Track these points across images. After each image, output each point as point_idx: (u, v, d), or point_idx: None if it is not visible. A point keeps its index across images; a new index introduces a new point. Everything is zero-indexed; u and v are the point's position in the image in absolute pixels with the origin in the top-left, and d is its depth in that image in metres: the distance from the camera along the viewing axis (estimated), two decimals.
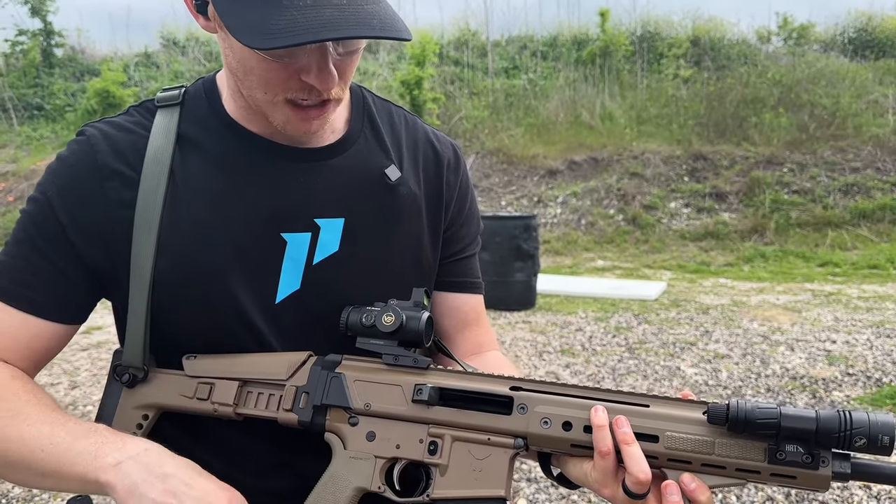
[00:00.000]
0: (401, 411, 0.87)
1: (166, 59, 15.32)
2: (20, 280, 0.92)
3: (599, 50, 14.32)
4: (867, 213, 10.55)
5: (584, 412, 0.83)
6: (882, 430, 0.73)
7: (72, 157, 0.93)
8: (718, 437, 0.80)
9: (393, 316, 0.87)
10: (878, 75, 13.89)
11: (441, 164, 1.10)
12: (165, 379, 0.94)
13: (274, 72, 0.85)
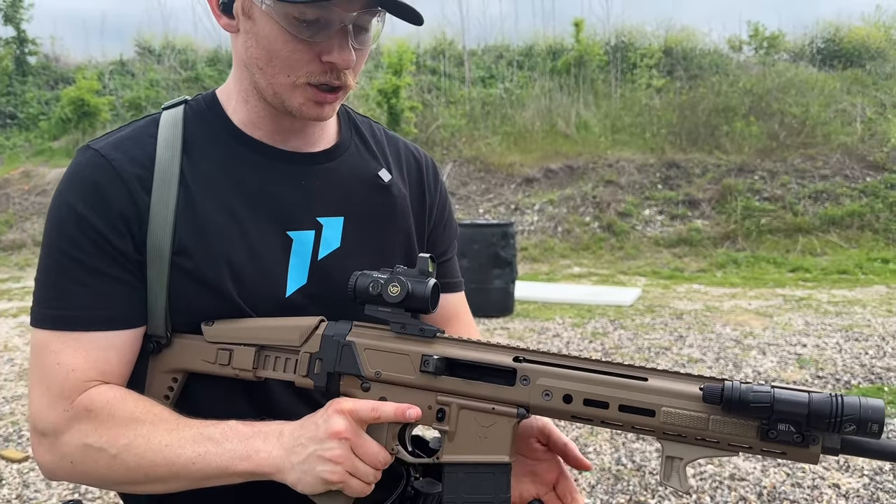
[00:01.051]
0: (410, 380, 0.91)
1: (142, 68, 15.21)
2: (88, 304, 0.94)
3: (574, 59, 14.48)
4: (836, 219, 10.75)
5: (584, 385, 0.87)
6: (872, 417, 0.76)
7: (88, 170, 0.96)
8: (713, 414, 0.82)
9: (399, 286, 0.91)
10: (846, 85, 14.18)
11: (422, 171, 1.18)
12: (187, 344, 0.98)
13: (299, 52, 0.91)
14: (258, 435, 0.90)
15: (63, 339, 0.94)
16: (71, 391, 0.93)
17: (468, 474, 0.89)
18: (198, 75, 15.06)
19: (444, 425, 0.90)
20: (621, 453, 3.90)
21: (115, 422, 0.92)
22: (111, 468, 0.92)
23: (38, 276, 0.97)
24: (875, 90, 14.05)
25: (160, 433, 0.91)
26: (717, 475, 3.63)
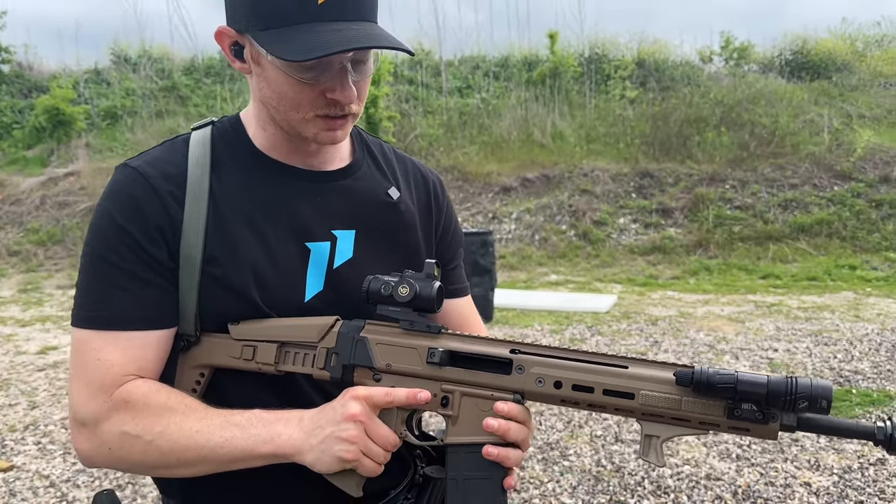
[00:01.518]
0: (417, 371, 1.01)
1: (117, 77, 15.09)
2: (126, 306, 1.03)
3: (549, 71, 14.62)
4: (805, 227, 10.98)
5: (572, 373, 0.97)
6: (821, 395, 0.86)
7: (126, 185, 1.05)
8: (685, 395, 0.92)
9: (408, 288, 1.00)
10: (814, 96, 14.49)
11: (429, 187, 1.27)
12: (215, 342, 1.07)
13: (305, 93, 1.01)
14: (280, 420, 0.99)
15: (103, 337, 1.02)
16: (110, 385, 1.01)
17: (469, 454, 0.98)
18: (174, 84, 14.97)
19: (448, 410, 1.00)
20: (601, 455, 4.01)
21: (151, 411, 1.00)
22: (146, 453, 1.00)
23: (80, 281, 1.06)
24: (841, 101, 14.38)
25: (191, 421, 0.99)
26: (693, 475, 3.75)
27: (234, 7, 1.02)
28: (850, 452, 4.00)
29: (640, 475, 3.76)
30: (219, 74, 15.54)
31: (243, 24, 1.01)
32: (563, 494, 3.57)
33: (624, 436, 4.28)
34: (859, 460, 3.90)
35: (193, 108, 14.69)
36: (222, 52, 1.08)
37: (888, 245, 10.66)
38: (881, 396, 4.88)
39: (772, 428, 0.90)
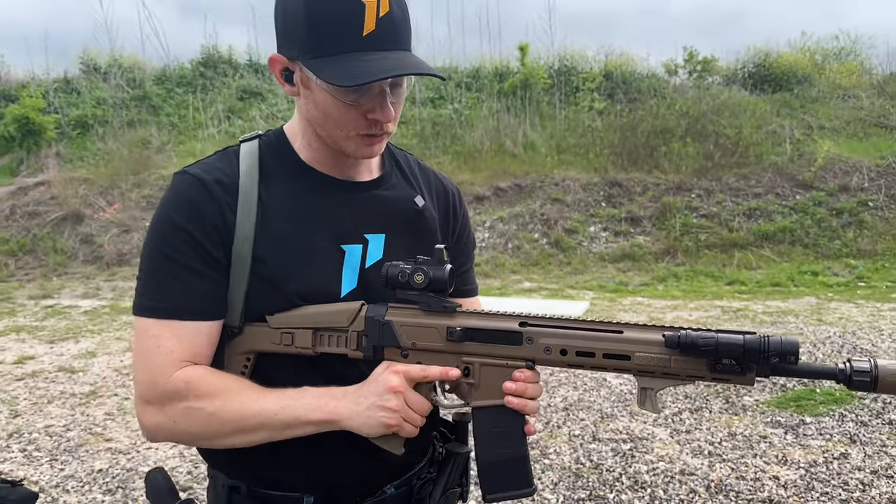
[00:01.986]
0: (439, 347, 1.14)
1: (88, 85, 14.96)
2: (181, 297, 1.13)
3: (520, 82, 14.79)
4: (769, 235, 11.28)
5: (576, 340, 1.10)
6: (790, 350, 1.00)
7: (186, 190, 1.16)
8: (673, 355, 1.05)
9: (422, 275, 1.12)
10: (776, 107, 14.87)
11: (448, 197, 1.40)
12: (256, 331, 1.18)
13: (349, 114, 1.13)
14: (327, 393, 1.12)
15: (161, 325, 1.14)
16: (170, 368, 1.12)
17: (491, 413, 1.13)
18: (146, 94, 14.86)
19: (470, 379, 1.13)
20: (580, 453, 4.16)
21: (210, 389, 1.12)
22: (208, 424, 1.12)
23: (140, 274, 1.17)
24: (803, 113, 14.79)
25: (248, 394, 1.12)
26: (668, 471, 3.92)
27: (287, 37, 1.13)
28: (815, 448, 4.21)
29: (617, 471, 3.92)
30: (191, 84, 15.47)
31: (295, 52, 1.12)
32: (545, 491, 3.72)
33: (601, 435, 4.44)
34: (824, 455, 4.10)
35: (165, 118, 14.61)
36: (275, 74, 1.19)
37: (848, 252, 11.00)
38: (843, 395, 5.10)
39: (749, 378, 1.04)
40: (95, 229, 11.61)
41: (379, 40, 1.08)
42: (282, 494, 1.19)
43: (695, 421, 4.67)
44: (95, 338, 7.49)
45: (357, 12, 1.06)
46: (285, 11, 1.13)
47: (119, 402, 5.32)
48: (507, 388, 1.11)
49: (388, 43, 1.09)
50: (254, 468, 1.19)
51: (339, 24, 1.07)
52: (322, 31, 1.08)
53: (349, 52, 1.07)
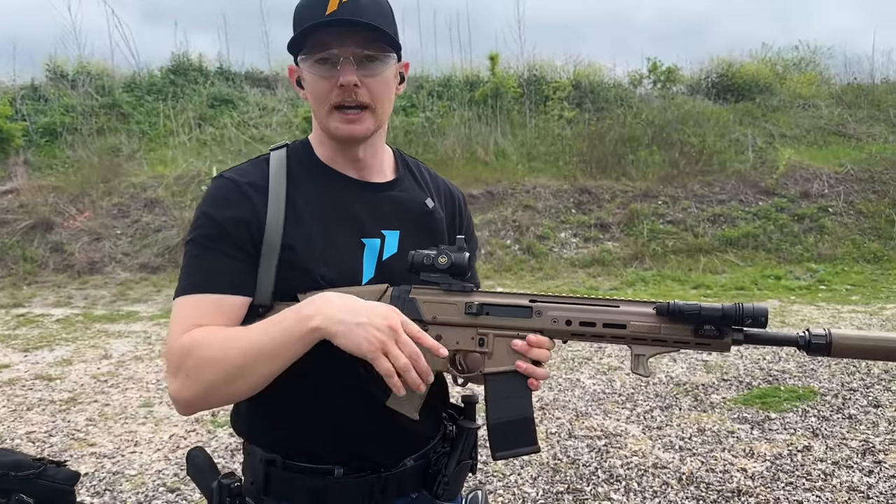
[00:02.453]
0: (458, 320, 1.26)
1: (56, 93, 14.81)
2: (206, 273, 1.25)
3: (490, 91, 14.97)
4: (733, 240, 11.59)
5: (579, 313, 1.23)
6: (761, 314, 1.15)
7: (221, 189, 1.29)
8: (663, 323, 1.20)
9: (446, 258, 1.25)
10: (738, 116, 15.27)
11: (454, 201, 1.54)
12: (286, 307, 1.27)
13: (323, 85, 1.26)
14: (312, 303, 1.18)
15: (187, 299, 1.26)
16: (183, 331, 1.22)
17: (503, 380, 1.25)
18: (115, 101, 14.73)
19: (484, 348, 1.26)
20: (557, 449, 4.32)
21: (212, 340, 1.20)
22: (213, 368, 1.18)
23: (182, 266, 1.30)
24: (764, 121, 15.21)
25: (244, 332, 1.20)
26: (641, 465, 4.09)
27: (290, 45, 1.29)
28: (780, 441, 4.41)
29: (593, 466, 4.08)
30: (161, 91, 15.40)
31: (294, 56, 1.29)
32: (524, 485, 3.86)
33: (576, 432, 4.60)
34: (788, 448, 4.31)
35: (136, 126, 14.51)
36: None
37: (809, 256, 11.36)
38: (806, 392, 5.34)
39: (726, 342, 1.19)
40: (66, 237, 11.52)
41: (340, 16, 1.22)
42: (314, 466, 1.30)
43: (665, 418, 4.86)
44: (70, 346, 7.47)
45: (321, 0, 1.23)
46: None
47: (100, 408, 5.35)
48: (515, 345, 1.24)
49: (347, 17, 1.22)
50: (289, 442, 1.31)
51: (307, 10, 1.25)
52: (297, 23, 1.26)
53: (310, 27, 1.22)
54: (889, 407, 4.99)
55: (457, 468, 1.40)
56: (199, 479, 1.34)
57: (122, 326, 8.53)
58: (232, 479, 1.28)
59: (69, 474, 1.46)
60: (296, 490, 1.31)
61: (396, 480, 1.35)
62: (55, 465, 1.45)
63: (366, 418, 1.30)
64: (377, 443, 1.32)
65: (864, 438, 4.43)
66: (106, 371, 6.38)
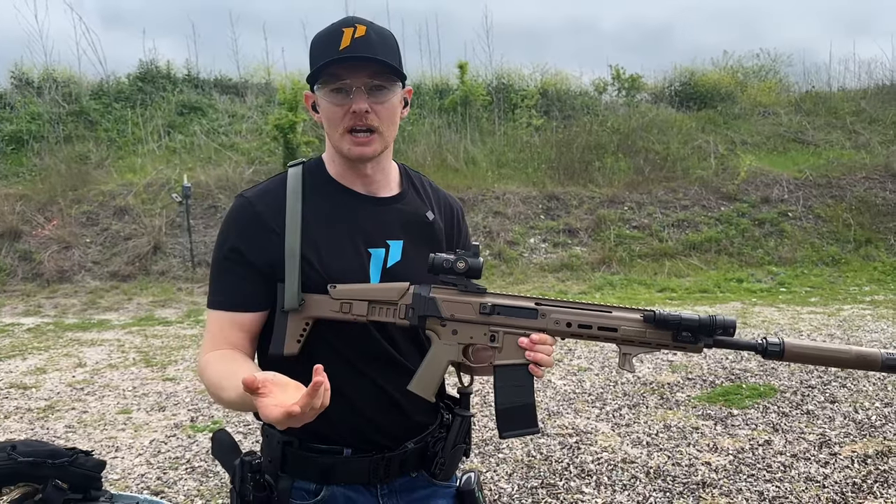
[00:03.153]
0: (472, 318, 1.41)
1: (21, 101, 14.66)
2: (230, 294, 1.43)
3: (460, 99, 15.18)
4: (696, 244, 11.90)
5: (578, 316, 1.40)
6: (731, 325, 1.34)
7: (240, 212, 1.45)
8: (648, 328, 1.38)
9: (464, 263, 1.40)
10: (701, 124, 15.66)
11: (453, 213, 1.68)
12: (318, 300, 1.42)
13: (337, 113, 1.41)
14: None
15: (212, 314, 1.45)
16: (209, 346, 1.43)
17: (510, 371, 1.41)
18: (82, 109, 14.63)
19: (496, 344, 1.42)
20: (531, 447, 4.48)
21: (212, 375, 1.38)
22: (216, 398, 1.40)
23: (210, 277, 1.48)
24: (726, 129, 15.62)
25: (228, 388, 1.34)
26: (611, 460, 4.26)
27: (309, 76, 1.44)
28: (742, 436, 4.62)
29: (565, 462, 4.25)
30: (129, 99, 15.33)
31: (311, 85, 1.43)
32: (500, 481, 4.01)
33: (549, 430, 4.77)
34: (750, 442, 4.52)
35: (104, 133, 14.43)
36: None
37: (770, 260, 11.71)
38: (766, 389, 5.57)
39: (699, 346, 1.38)
40: (34, 246, 11.44)
41: (351, 52, 1.38)
42: (326, 447, 1.46)
43: (633, 415, 5.05)
44: (43, 355, 7.46)
45: (336, 36, 1.38)
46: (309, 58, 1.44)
47: (78, 415, 5.39)
48: (522, 342, 1.40)
49: (359, 53, 1.38)
50: (304, 427, 1.44)
51: (323, 46, 1.39)
52: (314, 56, 1.40)
53: (327, 62, 1.37)
54: (845, 402, 5.24)
55: (452, 451, 1.55)
56: (224, 457, 1.47)
57: (94, 335, 8.53)
58: (253, 457, 1.42)
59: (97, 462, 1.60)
60: (309, 467, 1.46)
61: (398, 461, 1.49)
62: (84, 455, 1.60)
63: (374, 408, 1.46)
64: (382, 428, 1.47)
65: (822, 432, 4.66)
66: (81, 379, 6.40)
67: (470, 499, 1.57)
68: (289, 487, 1.44)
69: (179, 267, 11.34)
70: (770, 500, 3.73)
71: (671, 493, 3.83)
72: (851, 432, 4.66)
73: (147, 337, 8.33)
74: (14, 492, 1.60)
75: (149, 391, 5.99)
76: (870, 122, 15.90)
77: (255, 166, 13.37)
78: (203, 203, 12.41)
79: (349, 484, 1.47)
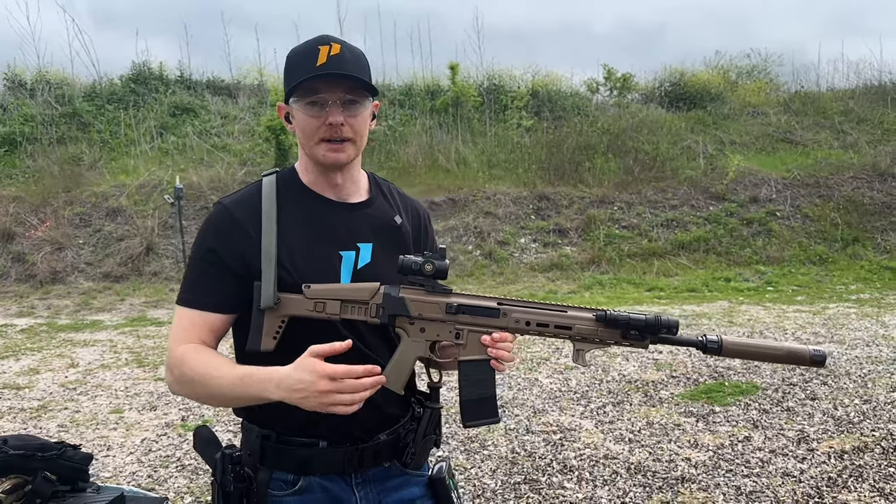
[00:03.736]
0: (439, 317, 1.50)
1: (14, 103, 14.70)
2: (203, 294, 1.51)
3: (451, 100, 15.28)
4: (685, 244, 12.01)
5: (537, 315, 1.49)
6: (674, 325, 1.44)
7: (218, 217, 1.53)
8: (600, 327, 1.48)
9: (432, 265, 1.49)
10: (690, 124, 15.77)
11: (420, 217, 1.77)
12: (293, 300, 1.50)
13: (313, 124, 1.50)
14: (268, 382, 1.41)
15: (185, 311, 1.52)
16: (180, 342, 1.50)
17: (474, 366, 1.51)
18: (75, 110, 14.67)
19: (461, 341, 1.51)
20: (515, 444, 4.57)
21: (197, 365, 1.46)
22: (195, 391, 1.48)
23: (184, 276, 1.55)
24: (715, 129, 15.74)
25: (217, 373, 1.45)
26: (593, 456, 4.36)
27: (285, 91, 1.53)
28: (722, 433, 4.72)
29: (548, 458, 4.34)
30: (122, 100, 15.38)
31: (287, 97, 1.52)
32: (484, 477, 4.10)
33: (534, 428, 4.86)
34: (730, 438, 4.62)
35: (97, 135, 14.48)
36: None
37: (758, 259, 11.83)
38: (749, 387, 5.67)
39: (645, 343, 1.48)
40: (27, 247, 11.49)
41: (327, 69, 1.48)
42: (302, 440, 1.54)
43: (617, 413, 5.15)
44: (36, 355, 7.53)
45: (313, 53, 1.48)
46: (285, 71, 1.53)
47: (70, 415, 5.46)
48: (485, 340, 1.49)
49: (335, 70, 1.49)
50: (282, 420, 1.54)
51: (300, 62, 1.50)
52: (291, 71, 1.50)
53: (306, 78, 1.47)
54: (825, 399, 5.34)
55: (423, 441, 1.64)
56: (205, 451, 1.57)
57: (87, 335, 8.59)
58: (233, 451, 1.52)
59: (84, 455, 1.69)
60: (286, 459, 1.54)
61: (371, 452, 1.58)
62: (72, 448, 1.68)
63: None
64: (356, 421, 1.55)
65: (801, 429, 4.77)
66: (74, 379, 6.47)
67: (441, 486, 1.67)
68: (267, 479, 1.53)
69: (172, 268, 11.40)
70: (747, 495, 3.82)
71: (650, 487, 3.93)
72: (830, 428, 4.76)
73: (139, 337, 8.40)
74: (5, 483, 1.69)
75: (140, 391, 6.06)
76: (858, 121, 16.04)
77: (247, 167, 13.45)
78: (195, 204, 12.48)
79: (325, 474, 1.55)
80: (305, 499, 1.55)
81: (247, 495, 1.52)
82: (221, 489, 1.52)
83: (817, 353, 1.45)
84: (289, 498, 1.54)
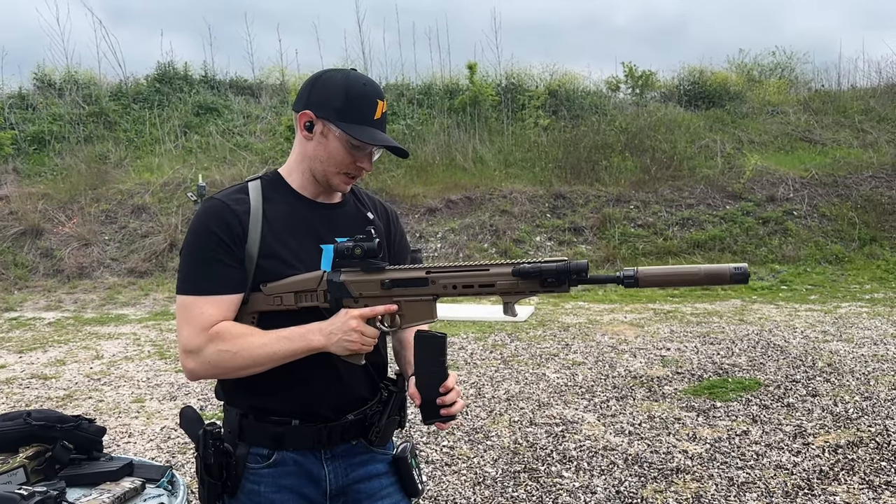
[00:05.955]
0: (377, 293, 1.64)
1: (43, 102, 15.10)
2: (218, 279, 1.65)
3: (469, 99, 15.41)
4: (700, 242, 12.05)
5: (461, 278, 1.62)
6: (583, 269, 1.51)
7: (215, 207, 1.68)
8: (519, 280, 1.56)
9: (360, 249, 1.63)
10: (709, 123, 15.75)
11: (389, 215, 1.96)
12: (257, 297, 1.68)
13: (347, 159, 1.68)
14: (309, 331, 1.62)
15: (204, 299, 1.65)
16: (209, 326, 1.63)
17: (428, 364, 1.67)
18: (102, 109, 15.02)
19: (401, 311, 1.67)
20: (518, 435, 4.73)
21: (233, 336, 1.62)
22: (234, 361, 1.62)
23: (183, 266, 1.68)
24: (734, 128, 15.71)
25: (258, 338, 1.62)
26: (592, 447, 4.51)
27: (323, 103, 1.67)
28: (721, 427, 4.84)
29: (549, 449, 4.50)
30: (147, 100, 15.72)
31: (326, 114, 1.67)
32: (486, 466, 4.27)
33: (538, 420, 5.02)
34: (728, 432, 4.74)
35: (123, 134, 14.83)
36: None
37: (773, 258, 11.84)
38: (752, 383, 5.78)
39: (565, 287, 1.57)
40: (55, 243, 11.84)
41: (380, 124, 1.69)
42: (277, 418, 1.72)
43: (620, 407, 5.29)
44: (63, 347, 7.81)
45: (374, 105, 1.68)
46: (326, 87, 1.68)
47: (94, 403, 5.71)
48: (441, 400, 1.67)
49: (382, 127, 1.71)
50: (258, 401, 1.72)
51: (364, 107, 1.67)
52: (353, 109, 1.66)
53: (366, 125, 1.66)
54: (825, 396, 5.44)
55: (387, 422, 1.82)
56: (189, 428, 1.74)
57: (111, 329, 8.88)
58: (214, 427, 1.69)
59: (98, 428, 1.90)
60: (262, 436, 1.72)
61: (340, 430, 1.75)
62: (88, 421, 1.89)
63: (321, 386, 1.72)
64: (327, 402, 1.74)
65: (798, 424, 4.88)
66: (98, 370, 6.74)
67: (403, 465, 1.85)
68: (245, 453, 1.71)
69: None
70: (738, 486, 3.95)
71: (646, 478, 4.07)
72: (827, 424, 4.86)
73: (162, 331, 8.66)
74: (29, 450, 1.91)
75: (162, 382, 6.30)
76: (878, 120, 15.92)
77: (268, 166, 13.70)
78: None
79: (297, 449, 1.72)
80: (279, 471, 1.71)
81: (226, 467, 1.69)
82: (203, 462, 1.69)
83: (738, 269, 1.48)
84: (264, 470, 1.71)
